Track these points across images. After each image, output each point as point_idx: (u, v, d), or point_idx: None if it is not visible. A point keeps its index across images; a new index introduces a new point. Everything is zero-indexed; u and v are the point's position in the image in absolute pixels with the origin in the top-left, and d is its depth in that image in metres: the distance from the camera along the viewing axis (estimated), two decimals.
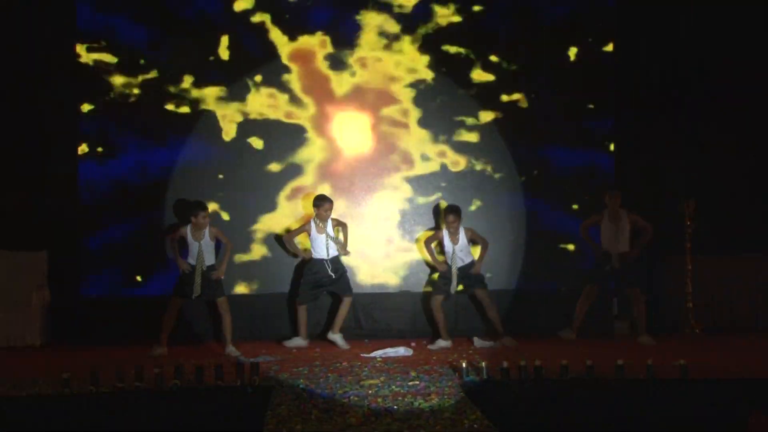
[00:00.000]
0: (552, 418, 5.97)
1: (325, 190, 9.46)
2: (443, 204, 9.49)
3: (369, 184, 9.71)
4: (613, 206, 8.91)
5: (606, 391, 6.20)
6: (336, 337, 8.71)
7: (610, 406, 6.04)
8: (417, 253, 9.68)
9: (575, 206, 9.78)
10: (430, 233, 9.12)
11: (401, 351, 8.20)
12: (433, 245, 8.96)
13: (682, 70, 10.08)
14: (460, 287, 8.80)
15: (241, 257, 9.50)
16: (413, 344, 8.57)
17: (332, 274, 8.72)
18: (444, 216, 8.86)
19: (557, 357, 6.78)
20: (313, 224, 8.78)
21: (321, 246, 8.76)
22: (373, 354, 8.11)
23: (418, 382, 6.49)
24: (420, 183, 9.74)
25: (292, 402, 5.95)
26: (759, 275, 9.77)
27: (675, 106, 10.07)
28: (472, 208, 9.67)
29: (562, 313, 9.36)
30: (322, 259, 8.73)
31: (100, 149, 9.47)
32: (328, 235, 8.73)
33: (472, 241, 8.84)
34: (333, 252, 8.73)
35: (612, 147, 9.84)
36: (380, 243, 9.68)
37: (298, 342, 8.64)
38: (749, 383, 6.23)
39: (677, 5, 10.08)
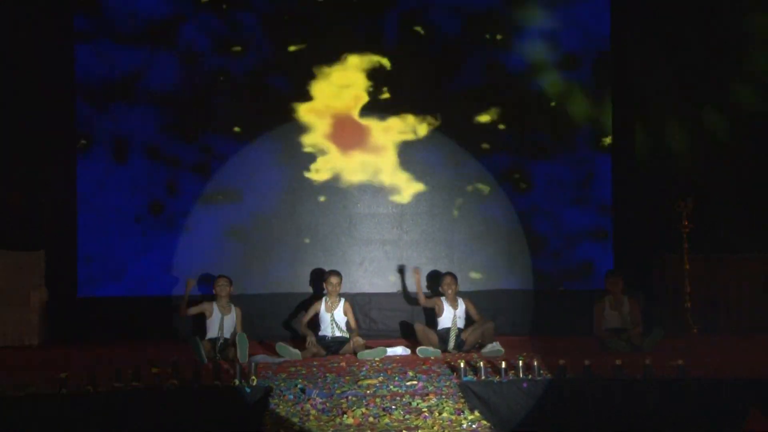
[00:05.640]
0: (551, 418, 5.98)
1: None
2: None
3: (367, 182, 9.72)
4: (615, 291, 8.49)
5: (605, 391, 6.20)
6: None
7: (609, 406, 6.05)
8: (415, 253, 9.68)
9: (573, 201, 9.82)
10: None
11: (399, 351, 8.19)
12: (426, 303, 8.68)
13: (681, 68, 10.08)
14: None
15: (241, 256, 9.52)
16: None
17: (333, 347, 8.26)
18: (441, 279, 8.63)
19: (556, 357, 6.78)
20: (323, 302, 8.42)
21: (326, 325, 8.36)
22: None
23: (416, 382, 6.49)
24: (418, 180, 9.75)
25: (290, 402, 5.94)
26: (758, 275, 9.76)
27: (674, 105, 10.06)
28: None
29: (563, 312, 9.37)
30: (324, 336, 8.32)
31: (99, 149, 9.50)
32: (334, 318, 8.34)
33: (468, 313, 8.52)
34: (338, 333, 8.34)
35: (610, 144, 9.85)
36: (378, 242, 9.69)
37: (294, 354, 8.28)
38: (748, 383, 6.23)
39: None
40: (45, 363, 7.58)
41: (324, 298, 8.47)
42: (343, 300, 8.49)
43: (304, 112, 9.67)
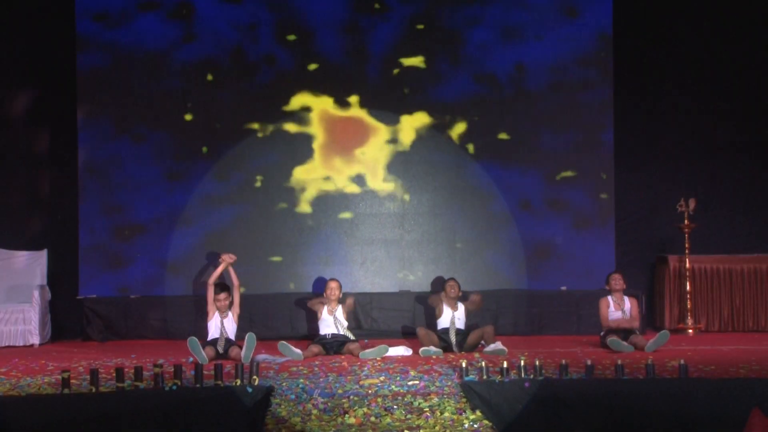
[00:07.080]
0: (552, 418, 5.98)
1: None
2: None
3: (369, 182, 9.73)
4: (617, 291, 8.47)
5: (607, 390, 6.20)
6: None
7: (611, 406, 6.04)
8: (417, 253, 9.68)
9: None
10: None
11: (401, 350, 8.19)
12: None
13: (682, 67, 10.09)
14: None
15: (242, 257, 9.53)
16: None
17: (334, 347, 8.31)
18: (445, 284, 8.60)
19: (558, 356, 6.78)
20: (324, 306, 8.44)
21: (329, 326, 8.38)
22: None
23: (417, 382, 6.49)
24: (419, 180, 9.75)
25: (292, 402, 5.95)
26: (759, 275, 9.77)
27: (675, 104, 10.07)
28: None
29: (564, 312, 9.38)
30: (325, 335, 8.36)
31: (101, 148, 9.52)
32: (337, 319, 8.35)
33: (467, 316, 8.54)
34: (340, 331, 8.33)
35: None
36: (379, 242, 9.70)
37: (296, 354, 8.31)
38: (749, 383, 6.23)
39: None
40: (47, 363, 7.58)
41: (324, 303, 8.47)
42: (341, 306, 8.45)
43: (306, 110, 9.70)
